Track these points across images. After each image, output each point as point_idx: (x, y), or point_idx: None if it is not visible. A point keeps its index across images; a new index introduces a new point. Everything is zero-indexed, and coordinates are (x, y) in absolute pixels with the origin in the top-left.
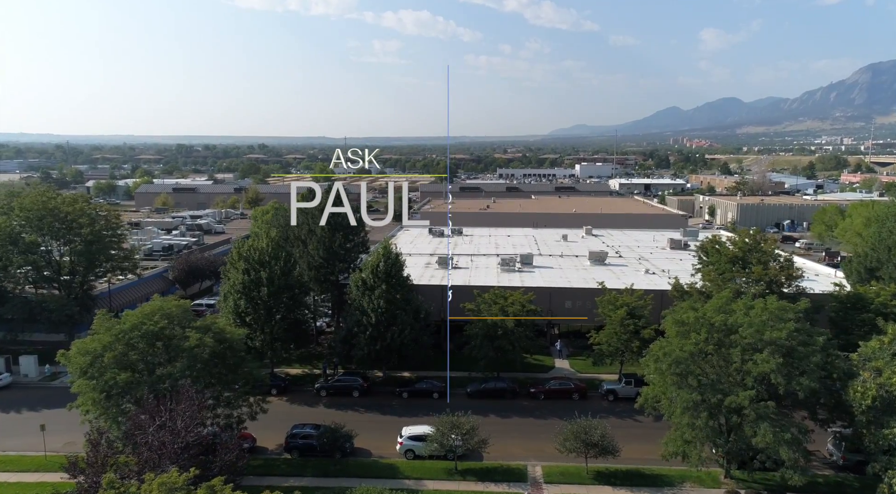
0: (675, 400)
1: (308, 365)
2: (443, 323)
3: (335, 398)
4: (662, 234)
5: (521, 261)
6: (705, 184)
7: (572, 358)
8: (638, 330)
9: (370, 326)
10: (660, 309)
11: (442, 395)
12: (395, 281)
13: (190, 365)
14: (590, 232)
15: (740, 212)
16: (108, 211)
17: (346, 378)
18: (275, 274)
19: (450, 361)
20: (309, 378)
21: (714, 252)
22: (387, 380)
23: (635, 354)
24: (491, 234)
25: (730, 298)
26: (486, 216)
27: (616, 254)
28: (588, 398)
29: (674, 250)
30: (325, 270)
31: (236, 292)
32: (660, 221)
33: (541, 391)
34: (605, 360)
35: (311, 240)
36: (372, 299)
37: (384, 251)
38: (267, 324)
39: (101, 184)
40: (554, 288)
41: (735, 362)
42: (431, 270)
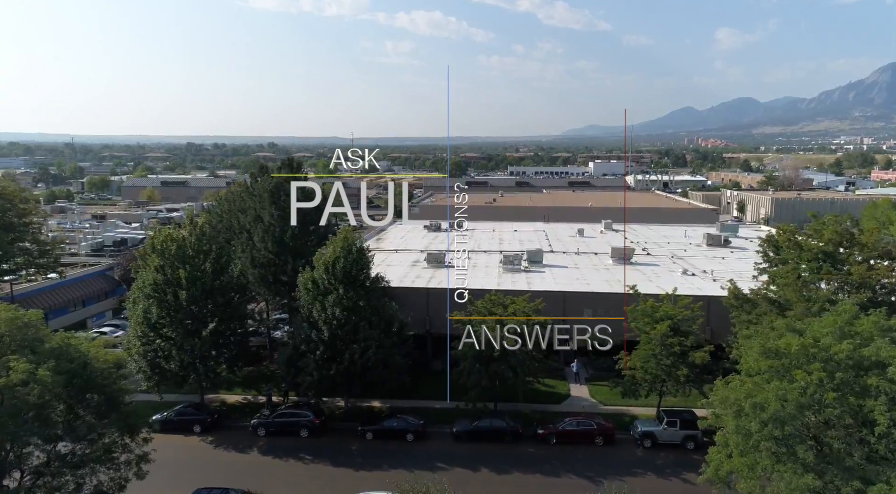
0: (775, 483)
1: (254, 390)
2: (428, 336)
3: (277, 438)
4: (694, 230)
5: (528, 259)
6: (727, 181)
7: (593, 383)
8: (685, 352)
9: (321, 343)
10: (710, 323)
11: (419, 436)
12: (359, 282)
13: (12, 413)
14: (609, 226)
15: (775, 208)
16: (14, 194)
17: (291, 411)
18: (201, 272)
19: (433, 387)
20: (251, 408)
21: (791, 247)
22: (349, 413)
23: (681, 385)
24: (495, 229)
25: (853, 315)
26: (490, 210)
27: (643, 252)
28: (616, 442)
29: (711, 247)
30: (274, 269)
31: (146, 297)
32: (688, 216)
33: (552, 432)
34: (638, 391)
35: (256, 230)
36: (325, 307)
37: (343, 243)
38: (188, 339)
39: (94, 180)
40: (569, 293)
41: (880, 423)
42: (418, 270)
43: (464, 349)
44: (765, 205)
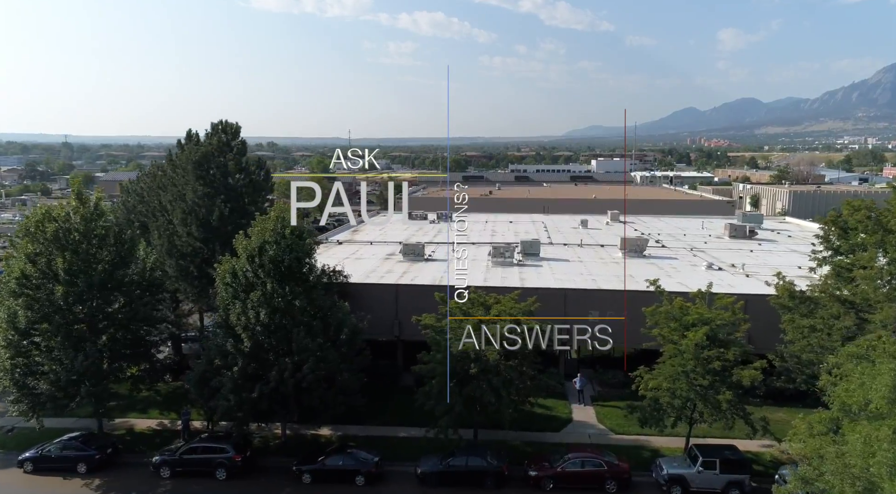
0: None
1: (175, 412)
2: (399, 344)
3: (185, 481)
4: (711, 221)
5: (522, 251)
6: (734, 178)
7: (601, 403)
8: (727, 369)
9: (241, 356)
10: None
11: (373, 479)
12: (296, 276)
13: None
14: (616, 217)
15: (793, 201)
16: None
17: (205, 446)
18: (90, 262)
19: (402, 409)
20: (165, 437)
21: (872, 227)
22: (287, 445)
23: (723, 413)
24: (488, 220)
25: None
26: (485, 202)
27: (657, 244)
28: (633, 486)
29: (735, 239)
30: (199, 259)
31: (11, 294)
32: (702, 208)
33: (549, 474)
34: (662, 419)
35: (176, 211)
36: (247, 309)
37: (275, 224)
38: (67, 351)
39: (78, 175)
40: (571, 291)
41: None
42: (391, 264)
43: (431, 363)
44: (781, 199)
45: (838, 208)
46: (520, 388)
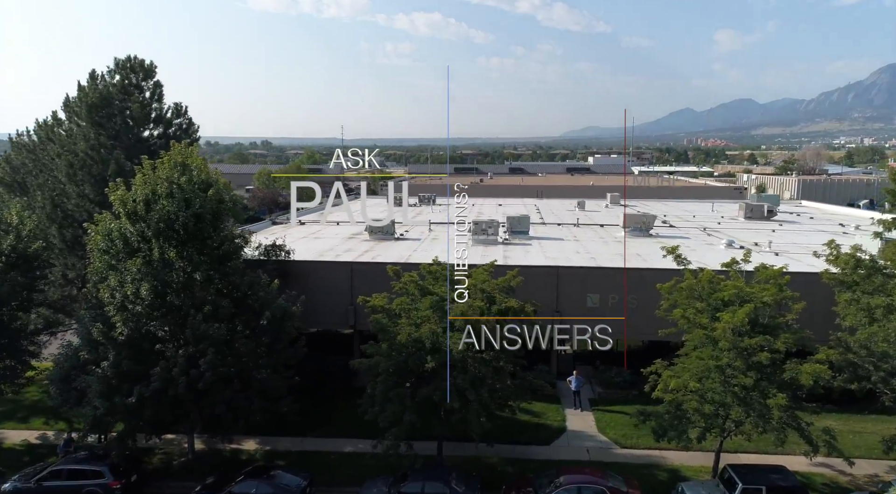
0: None
1: (65, 420)
2: (356, 336)
3: None
4: (722, 204)
5: (509, 228)
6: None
7: (601, 408)
8: (777, 363)
9: (113, 347)
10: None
11: None
12: (200, 242)
13: None
14: (617, 200)
15: (802, 190)
16: None
17: (72, 468)
18: None
19: (353, 415)
20: (42, 454)
21: None
22: (196, 462)
23: (772, 423)
24: (475, 204)
25: None
26: (477, 188)
27: (664, 224)
28: None
29: (752, 220)
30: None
31: None
32: (708, 193)
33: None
34: (685, 430)
35: (61, 165)
36: (125, 282)
37: (169, 167)
38: None
39: None
40: (564, 269)
41: None
42: (353, 243)
43: (372, 360)
44: (790, 188)
45: (850, 196)
46: (495, 389)
